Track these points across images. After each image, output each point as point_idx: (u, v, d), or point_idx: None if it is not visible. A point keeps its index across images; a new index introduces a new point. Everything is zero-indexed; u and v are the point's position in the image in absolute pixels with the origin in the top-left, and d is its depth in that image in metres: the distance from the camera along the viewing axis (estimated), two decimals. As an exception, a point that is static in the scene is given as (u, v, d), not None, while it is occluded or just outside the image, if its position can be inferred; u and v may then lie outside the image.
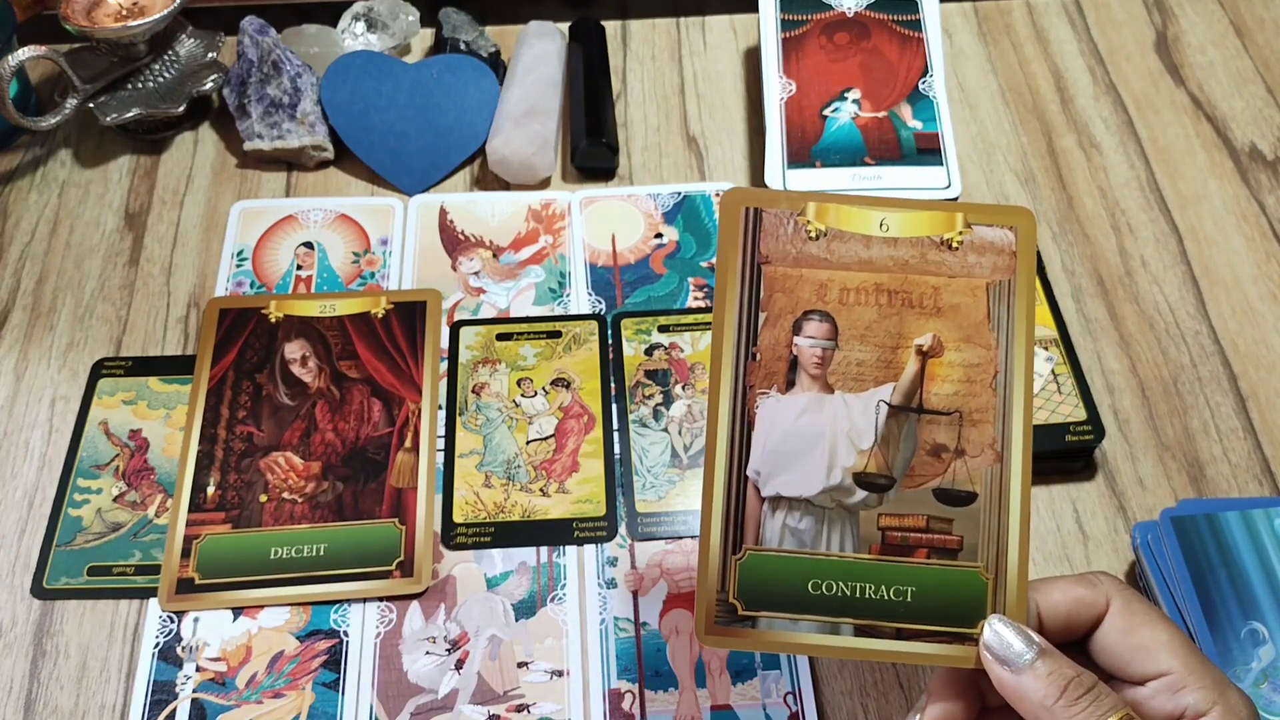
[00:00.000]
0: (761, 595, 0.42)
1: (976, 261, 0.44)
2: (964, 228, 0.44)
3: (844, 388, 0.43)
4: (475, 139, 0.75)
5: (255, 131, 0.74)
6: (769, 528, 0.43)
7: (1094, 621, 0.41)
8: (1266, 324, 0.67)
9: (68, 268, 0.70)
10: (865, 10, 0.74)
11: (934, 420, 0.43)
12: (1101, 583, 0.41)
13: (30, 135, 0.77)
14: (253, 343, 0.65)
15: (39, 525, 0.59)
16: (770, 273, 0.44)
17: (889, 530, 0.43)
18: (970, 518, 0.43)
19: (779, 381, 0.43)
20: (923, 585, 0.42)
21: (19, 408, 0.64)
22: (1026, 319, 0.43)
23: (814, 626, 0.42)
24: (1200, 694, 0.38)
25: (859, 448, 0.43)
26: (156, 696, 0.54)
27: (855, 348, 0.43)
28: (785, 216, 0.44)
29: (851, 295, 0.44)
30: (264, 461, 0.60)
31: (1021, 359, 0.43)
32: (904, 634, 0.42)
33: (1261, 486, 0.61)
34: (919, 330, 0.43)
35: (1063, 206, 0.73)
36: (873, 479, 0.43)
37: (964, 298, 0.44)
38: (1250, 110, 0.78)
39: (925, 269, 0.44)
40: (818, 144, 0.69)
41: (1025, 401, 0.43)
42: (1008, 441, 0.43)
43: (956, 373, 0.43)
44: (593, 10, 0.84)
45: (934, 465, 0.43)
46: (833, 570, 0.42)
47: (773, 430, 0.43)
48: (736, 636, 0.42)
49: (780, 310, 0.44)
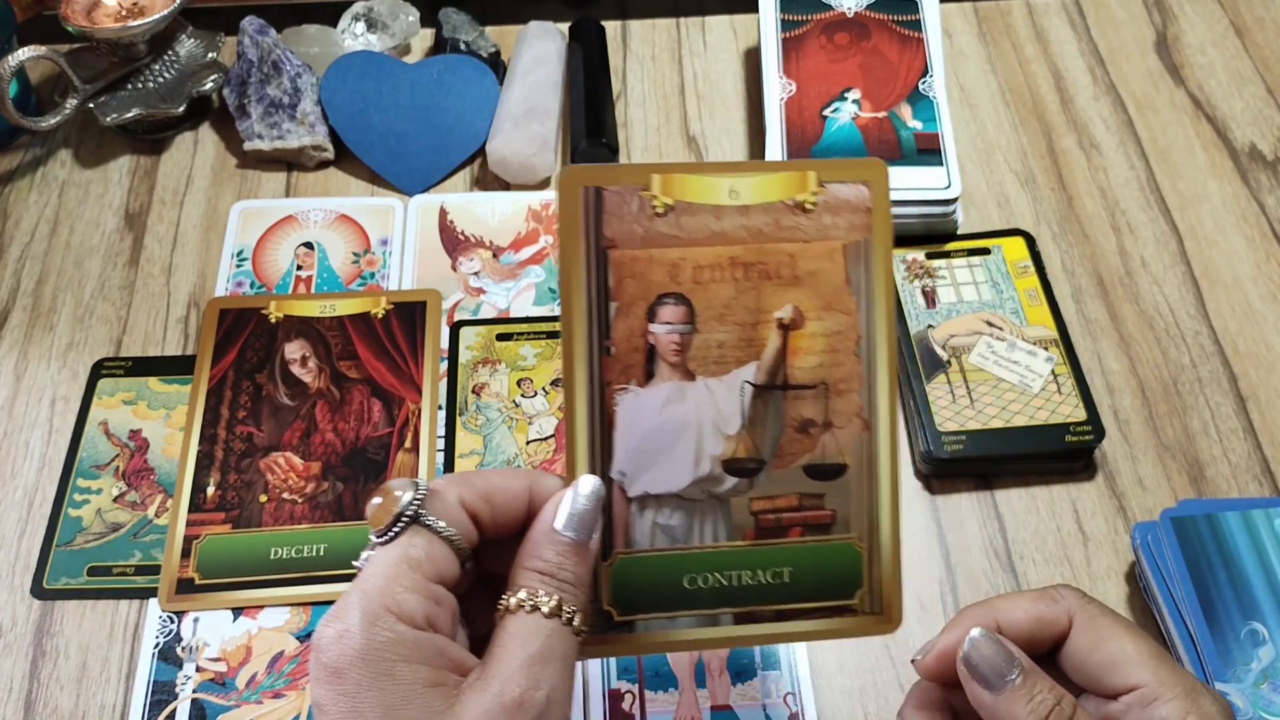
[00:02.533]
0: (636, 598, 0.41)
1: (832, 222, 0.41)
2: (817, 187, 0.41)
3: (706, 372, 0.41)
4: (475, 139, 0.75)
5: (255, 131, 0.74)
6: (638, 529, 0.41)
7: (1057, 639, 0.40)
8: (1266, 324, 0.67)
9: (68, 268, 0.70)
10: (865, 10, 0.74)
11: (800, 395, 0.42)
12: (1063, 598, 0.40)
13: (30, 135, 0.77)
14: (253, 343, 0.65)
15: (39, 525, 0.59)
16: (618, 257, 0.41)
17: (762, 514, 0.42)
18: (842, 490, 0.42)
19: (637, 374, 0.41)
20: (799, 564, 0.42)
21: (19, 408, 0.64)
22: (886, 277, 0.42)
23: (693, 621, 0.41)
24: (1173, 705, 0.37)
25: (726, 434, 0.42)
26: (156, 697, 0.54)
27: (714, 329, 0.41)
28: (629, 193, 0.40)
29: (706, 273, 0.41)
30: (264, 462, 0.60)
31: (883, 320, 0.42)
32: (784, 615, 0.42)
33: (1261, 487, 0.61)
34: (778, 302, 0.41)
35: (1063, 206, 0.73)
36: (742, 464, 0.42)
37: (822, 263, 0.41)
38: (1250, 110, 0.78)
39: (780, 235, 0.41)
40: (818, 144, 0.69)
41: (889, 364, 0.42)
42: (874, 408, 0.42)
43: (819, 343, 0.42)
44: (593, 10, 0.84)
45: (803, 441, 0.42)
46: (707, 562, 0.41)
47: (635, 427, 0.41)
48: (612, 644, 0.41)
49: (632, 297, 0.41)
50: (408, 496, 0.36)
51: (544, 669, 0.35)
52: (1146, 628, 0.55)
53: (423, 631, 0.35)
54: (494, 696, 0.34)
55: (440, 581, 0.36)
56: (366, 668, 0.33)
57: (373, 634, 0.34)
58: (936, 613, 0.57)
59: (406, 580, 0.35)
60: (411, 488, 0.37)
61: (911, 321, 0.64)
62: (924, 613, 0.57)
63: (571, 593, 0.37)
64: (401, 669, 0.34)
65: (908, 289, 0.66)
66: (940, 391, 0.62)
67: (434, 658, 0.35)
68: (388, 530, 0.36)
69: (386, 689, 0.33)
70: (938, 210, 0.67)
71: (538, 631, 0.36)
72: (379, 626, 0.34)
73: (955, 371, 0.62)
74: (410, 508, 0.36)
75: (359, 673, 0.33)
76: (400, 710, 0.33)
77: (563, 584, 0.37)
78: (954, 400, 0.61)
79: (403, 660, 0.34)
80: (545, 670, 0.35)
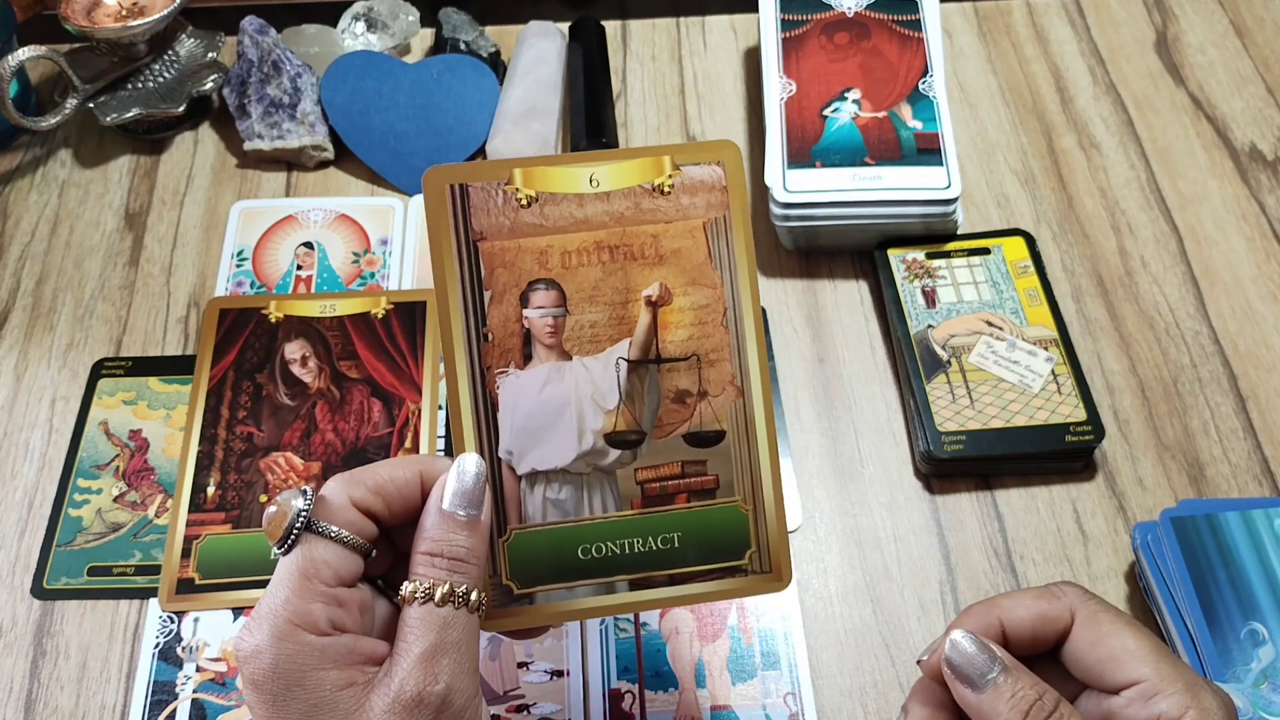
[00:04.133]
0: (533, 572, 0.43)
1: (690, 202, 0.44)
2: (672, 170, 0.44)
3: (581, 352, 0.43)
4: (475, 139, 0.75)
5: (255, 131, 0.74)
6: (530, 504, 0.43)
7: (1060, 635, 0.40)
8: (1266, 324, 0.67)
9: (68, 268, 0.70)
10: (865, 10, 0.74)
11: (674, 367, 0.44)
12: (1065, 595, 0.41)
13: (30, 135, 0.77)
14: (253, 343, 0.65)
15: (39, 525, 0.59)
16: (487, 249, 0.43)
17: (647, 483, 0.44)
18: (722, 455, 0.44)
19: (515, 358, 0.43)
20: (687, 529, 0.44)
21: (19, 408, 0.64)
22: (746, 251, 0.44)
23: (590, 590, 0.43)
24: (1173, 699, 0.37)
25: (605, 408, 0.44)
26: (157, 697, 0.54)
27: (586, 310, 0.43)
28: (493, 188, 0.43)
29: (573, 258, 0.43)
30: (264, 462, 0.60)
31: (747, 291, 0.44)
32: (677, 579, 0.44)
33: (1261, 486, 0.61)
34: (645, 281, 0.44)
35: (1063, 206, 0.73)
36: (623, 436, 0.44)
37: (684, 241, 0.44)
38: (1250, 110, 0.78)
39: (642, 218, 0.44)
40: (818, 144, 0.69)
41: (756, 332, 0.44)
42: (746, 374, 0.44)
43: (688, 317, 0.44)
44: (593, 10, 0.84)
45: (680, 411, 0.44)
46: (599, 533, 0.43)
47: (517, 408, 0.43)
48: (515, 616, 0.43)
49: (505, 286, 0.43)
50: (297, 506, 0.38)
51: (439, 661, 0.36)
52: (1147, 627, 0.55)
53: (327, 637, 0.36)
54: (393, 696, 0.36)
55: (340, 583, 0.38)
56: (279, 680, 0.35)
57: (280, 648, 0.35)
58: (937, 613, 0.57)
59: (305, 590, 0.36)
60: (301, 496, 0.38)
61: (911, 321, 0.64)
62: (924, 613, 0.57)
63: (465, 570, 0.39)
64: (311, 677, 0.35)
65: (908, 289, 0.66)
66: (940, 391, 0.62)
67: (343, 658, 0.36)
68: (283, 541, 0.37)
69: (300, 697, 0.35)
70: (938, 210, 0.67)
71: (432, 622, 0.37)
72: (284, 641, 0.35)
73: (955, 371, 0.62)
74: (300, 518, 0.37)
75: (273, 685, 0.35)
76: (316, 715, 0.35)
77: (453, 561, 0.38)
78: (954, 400, 0.61)
79: (311, 669, 0.35)
80: (441, 662, 0.36)
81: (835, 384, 0.65)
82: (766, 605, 0.57)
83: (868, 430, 0.63)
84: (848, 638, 0.56)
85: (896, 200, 0.66)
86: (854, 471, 0.62)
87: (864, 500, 0.61)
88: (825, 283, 0.69)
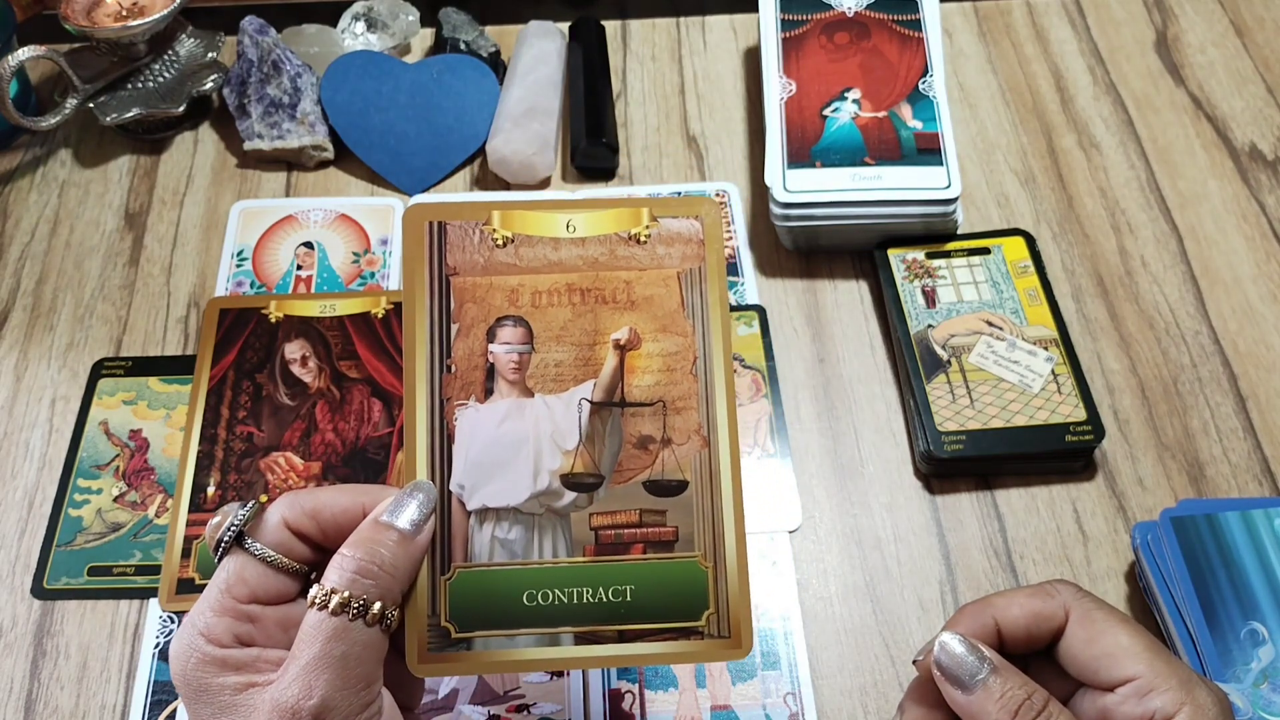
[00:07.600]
0: (475, 615, 0.41)
1: (666, 253, 0.44)
2: (650, 221, 0.44)
3: (544, 390, 0.43)
4: (475, 139, 0.75)
5: (255, 131, 0.74)
6: (477, 542, 0.41)
7: (1055, 633, 0.41)
8: (1266, 324, 0.67)
9: (68, 268, 0.70)
10: (865, 10, 0.74)
11: (638, 412, 0.43)
12: (1059, 593, 0.41)
13: (30, 135, 0.77)
14: (253, 343, 0.65)
15: (39, 525, 0.59)
16: (459, 283, 0.43)
17: (602, 529, 0.42)
18: (684, 507, 0.42)
19: (477, 391, 0.42)
20: (641, 582, 0.41)
21: (19, 408, 0.64)
22: (720, 303, 0.43)
23: (533, 640, 0.41)
24: (1167, 696, 0.37)
25: (564, 448, 0.42)
26: (157, 697, 0.54)
27: (552, 349, 0.43)
28: (470, 227, 0.43)
29: (544, 297, 0.43)
30: (264, 462, 0.60)
31: (719, 342, 0.43)
32: (627, 636, 0.41)
33: (1261, 486, 0.61)
34: (615, 325, 0.43)
35: (1063, 206, 0.73)
36: (580, 479, 0.42)
37: (657, 289, 0.43)
38: (1250, 110, 0.78)
39: (616, 264, 0.43)
40: (818, 144, 0.69)
41: (727, 384, 0.43)
42: (713, 425, 0.43)
43: (656, 363, 0.43)
44: (593, 10, 0.84)
45: (642, 458, 0.42)
46: (547, 578, 0.41)
47: (474, 440, 0.42)
48: (451, 662, 0.41)
49: (473, 319, 0.43)
50: (229, 520, 0.39)
51: (319, 675, 0.36)
52: (1146, 627, 0.55)
53: (230, 649, 0.38)
54: (273, 702, 0.36)
55: (254, 600, 0.39)
56: (188, 685, 0.38)
57: (187, 657, 0.37)
58: (936, 613, 0.57)
59: (218, 604, 0.38)
60: (240, 508, 0.39)
61: (911, 321, 0.64)
62: (924, 613, 0.57)
63: (375, 578, 0.38)
64: (213, 682, 0.37)
65: (908, 289, 0.66)
66: (940, 391, 0.62)
67: (245, 665, 0.37)
68: (215, 550, 0.39)
69: (205, 700, 0.37)
70: (938, 210, 0.67)
71: (320, 632, 0.37)
72: (191, 650, 0.37)
73: (955, 371, 0.62)
74: (229, 532, 0.39)
75: (185, 688, 0.38)
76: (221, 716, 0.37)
77: (364, 566, 0.38)
78: (954, 400, 0.61)
79: (212, 675, 0.37)
80: (320, 677, 0.36)
81: (835, 384, 0.65)
82: (766, 605, 0.57)
83: (868, 430, 0.63)
84: (848, 638, 0.56)
85: (896, 200, 0.66)
86: (854, 471, 0.62)
87: (864, 500, 0.61)
88: (825, 283, 0.69)
